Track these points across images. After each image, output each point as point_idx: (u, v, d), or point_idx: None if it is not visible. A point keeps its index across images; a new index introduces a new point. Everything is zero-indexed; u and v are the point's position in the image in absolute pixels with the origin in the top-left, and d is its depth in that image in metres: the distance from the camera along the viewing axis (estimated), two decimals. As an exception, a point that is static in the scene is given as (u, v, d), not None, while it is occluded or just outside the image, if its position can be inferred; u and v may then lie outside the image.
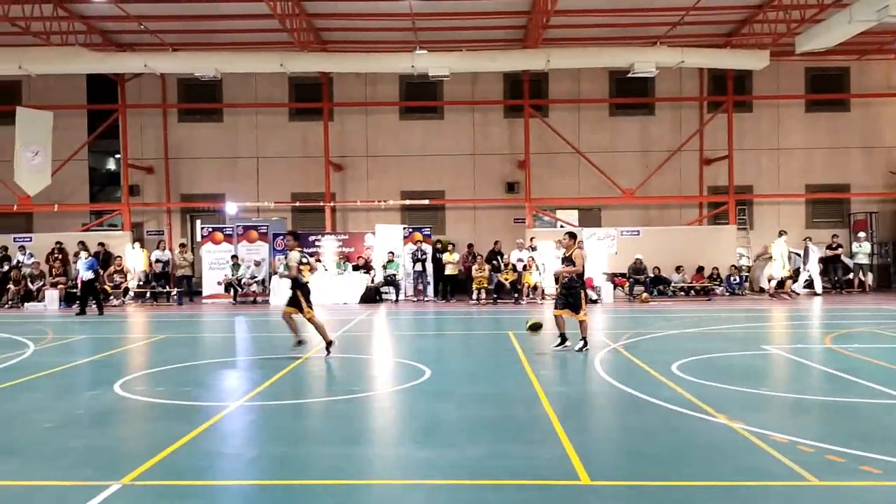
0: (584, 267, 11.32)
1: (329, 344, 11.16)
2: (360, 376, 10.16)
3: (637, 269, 21.90)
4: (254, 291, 21.90)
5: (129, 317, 18.68)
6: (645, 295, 21.08)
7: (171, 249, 22.83)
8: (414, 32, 21.47)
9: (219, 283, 21.97)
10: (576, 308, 11.29)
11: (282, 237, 22.72)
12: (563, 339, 11.37)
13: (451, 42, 22.20)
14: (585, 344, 11.24)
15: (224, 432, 7.14)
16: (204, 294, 22.32)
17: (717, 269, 22.15)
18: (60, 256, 22.21)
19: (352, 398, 8.54)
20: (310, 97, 24.86)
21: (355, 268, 21.92)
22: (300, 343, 11.19)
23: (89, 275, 18.72)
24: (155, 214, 25.55)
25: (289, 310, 11.16)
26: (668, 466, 5.81)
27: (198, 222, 25.19)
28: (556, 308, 11.55)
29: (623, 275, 22.04)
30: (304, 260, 11.32)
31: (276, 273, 21.47)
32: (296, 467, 5.94)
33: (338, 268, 21.95)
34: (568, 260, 11.30)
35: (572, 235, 11.58)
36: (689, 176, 25.09)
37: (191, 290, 22.28)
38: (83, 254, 19.36)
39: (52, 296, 21.10)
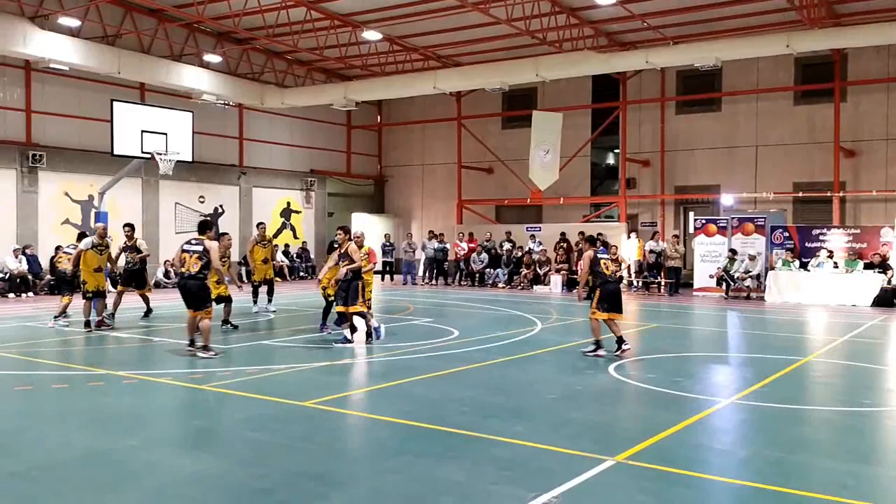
0: (589, 267, 10.70)
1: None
2: (871, 388, 8.96)
3: None
4: (748, 287, 20.95)
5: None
6: None
7: (664, 240, 23.20)
8: (956, -12, 18.04)
9: (710, 277, 21.58)
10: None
11: (781, 231, 21.32)
12: (598, 345, 10.47)
13: None
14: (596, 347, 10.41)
15: (715, 427, 6.98)
16: (694, 286, 22.16)
17: None
18: (564, 245, 24.32)
19: (861, 411, 7.60)
20: (819, 78, 22.71)
21: (867, 266, 19.39)
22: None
23: None
24: (649, 206, 26.26)
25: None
26: None
27: (691, 214, 25.12)
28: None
29: None
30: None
31: (772, 268, 20.31)
32: (793, 476, 5.49)
33: (847, 266, 19.68)
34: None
35: (587, 237, 11.37)
36: None
37: (678, 281, 22.32)
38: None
39: (556, 281, 23.26)
